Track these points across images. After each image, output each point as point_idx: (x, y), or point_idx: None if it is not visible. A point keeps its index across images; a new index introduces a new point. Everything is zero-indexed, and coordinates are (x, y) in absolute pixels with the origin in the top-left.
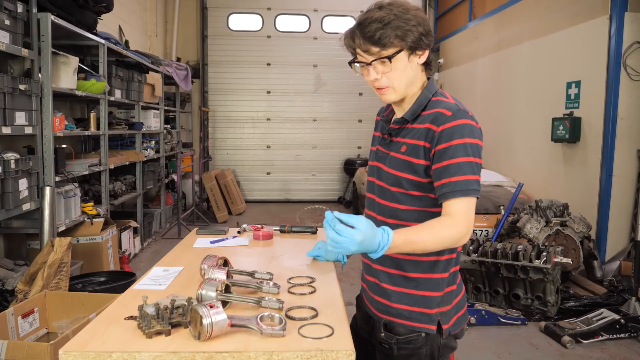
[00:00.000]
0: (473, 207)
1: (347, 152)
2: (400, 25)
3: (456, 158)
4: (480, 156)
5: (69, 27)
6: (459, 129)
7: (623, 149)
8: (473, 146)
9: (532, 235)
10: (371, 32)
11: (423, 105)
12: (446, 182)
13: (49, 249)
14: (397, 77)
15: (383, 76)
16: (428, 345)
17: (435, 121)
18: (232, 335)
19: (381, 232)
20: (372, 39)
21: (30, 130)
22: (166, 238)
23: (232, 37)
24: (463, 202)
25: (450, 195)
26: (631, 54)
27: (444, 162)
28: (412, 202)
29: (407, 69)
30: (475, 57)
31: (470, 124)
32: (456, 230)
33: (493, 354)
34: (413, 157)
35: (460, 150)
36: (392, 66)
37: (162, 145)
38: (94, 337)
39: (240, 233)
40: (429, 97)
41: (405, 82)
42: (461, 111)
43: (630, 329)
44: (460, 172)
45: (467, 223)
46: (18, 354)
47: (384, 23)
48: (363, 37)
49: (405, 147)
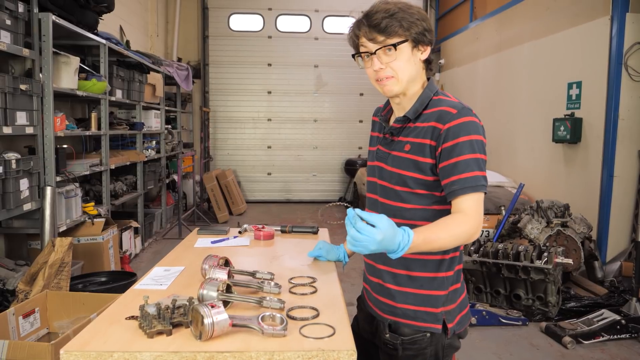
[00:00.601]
0: (482, 202)
1: (347, 152)
2: (405, 17)
3: (463, 155)
4: (485, 152)
5: (70, 27)
6: (465, 126)
7: (624, 150)
8: (479, 143)
9: (533, 236)
10: (377, 20)
11: (425, 104)
12: (455, 179)
13: (50, 249)
14: (400, 68)
15: (387, 66)
16: (433, 346)
17: (440, 119)
18: (233, 335)
19: (402, 232)
20: (378, 27)
21: (31, 130)
22: (167, 238)
23: (233, 37)
24: (473, 197)
25: (460, 192)
26: (632, 55)
27: (451, 159)
28: (417, 200)
29: (410, 62)
30: (477, 58)
31: (475, 121)
32: (469, 226)
33: (494, 354)
34: (418, 155)
35: (467, 147)
36: (396, 55)
37: (163, 146)
38: (95, 337)
39: (241, 233)
40: (430, 96)
41: (408, 75)
42: (465, 109)
43: (631, 329)
44: (469, 169)
45: (479, 218)
46: (19, 354)
47: (390, 14)
48: (369, 25)
49: (409, 146)
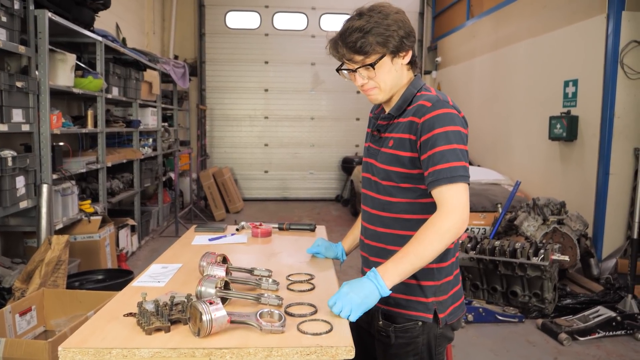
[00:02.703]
0: (463, 193)
1: (344, 150)
2: (380, 32)
3: (438, 147)
4: (465, 143)
5: (66, 24)
6: (440, 118)
7: (620, 148)
8: (455, 133)
9: (530, 233)
10: (352, 42)
11: (408, 100)
12: (431, 171)
13: (47, 246)
14: (382, 80)
15: (369, 80)
16: (425, 334)
17: (417, 113)
18: (231, 331)
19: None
20: (354, 48)
21: (27, 127)
22: (164, 236)
23: (229, 34)
24: (450, 189)
25: (436, 184)
26: (628, 53)
27: (428, 152)
28: (403, 194)
29: (392, 71)
30: (473, 56)
31: (451, 112)
32: (447, 219)
33: (490, 351)
34: (399, 150)
35: (442, 138)
36: (376, 71)
37: (160, 143)
38: (93, 334)
39: (238, 230)
40: (414, 92)
41: (391, 83)
42: (441, 101)
43: (626, 326)
44: (444, 160)
45: (459, 210)
46: (16, 351)
47: (365, 32)
48: (346, 47)
49: (392, 142)
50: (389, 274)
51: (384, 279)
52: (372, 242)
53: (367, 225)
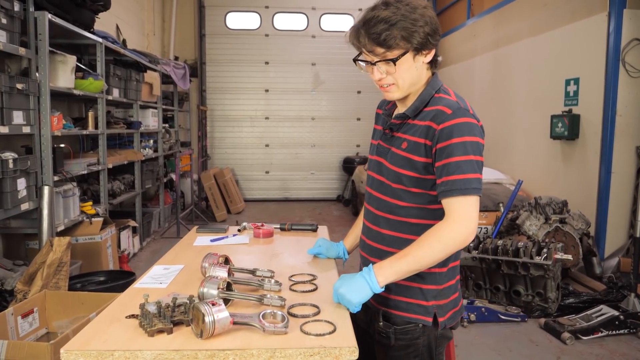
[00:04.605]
0: (473, 205)
1: (345, 150)
2: (406, 26)
3: (455, 157)
4: (481, 154)
5: (66, 26)
6: (459, 127)
7: (622, 146)
8: (473, 144)
9: (532, 232)
10: (377, 34)
11: (425, 101)
12: (445, 180)
13: (48, 248)
14: (401, 77)
15: (387, 75)
16: (425, 336)
17: (435, 119)
18: (234, 333)
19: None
20: (378, 40)
21: (28, 129)
22: (165, 237)
23: (230, 35)
24: (461, 201)
25: (448, 194)
26: (630, 51)
27: (443, 160)
28: (412, 199)
29: (412, 69)
30: (474, 55)
31: (470, 122)
32: (453, 229)
33: (493, 350)
34: (414, 154)
35: (459, 148)
36: (397, 67)
37: (161, 145)
38: (95, 336)
39: (240, 231)
40: (431, 93)
41: (410, 81)
42: (461, 109)
43: (629, 325)
44: (459, 170)
45: (467, 222)
46: (18, 353)
47: (390, 24)
48: (368, 38)
49: (406, 144)
50: (384, 271)
51: (377, 276)
52: (374, 243)
53: (371, 225)
